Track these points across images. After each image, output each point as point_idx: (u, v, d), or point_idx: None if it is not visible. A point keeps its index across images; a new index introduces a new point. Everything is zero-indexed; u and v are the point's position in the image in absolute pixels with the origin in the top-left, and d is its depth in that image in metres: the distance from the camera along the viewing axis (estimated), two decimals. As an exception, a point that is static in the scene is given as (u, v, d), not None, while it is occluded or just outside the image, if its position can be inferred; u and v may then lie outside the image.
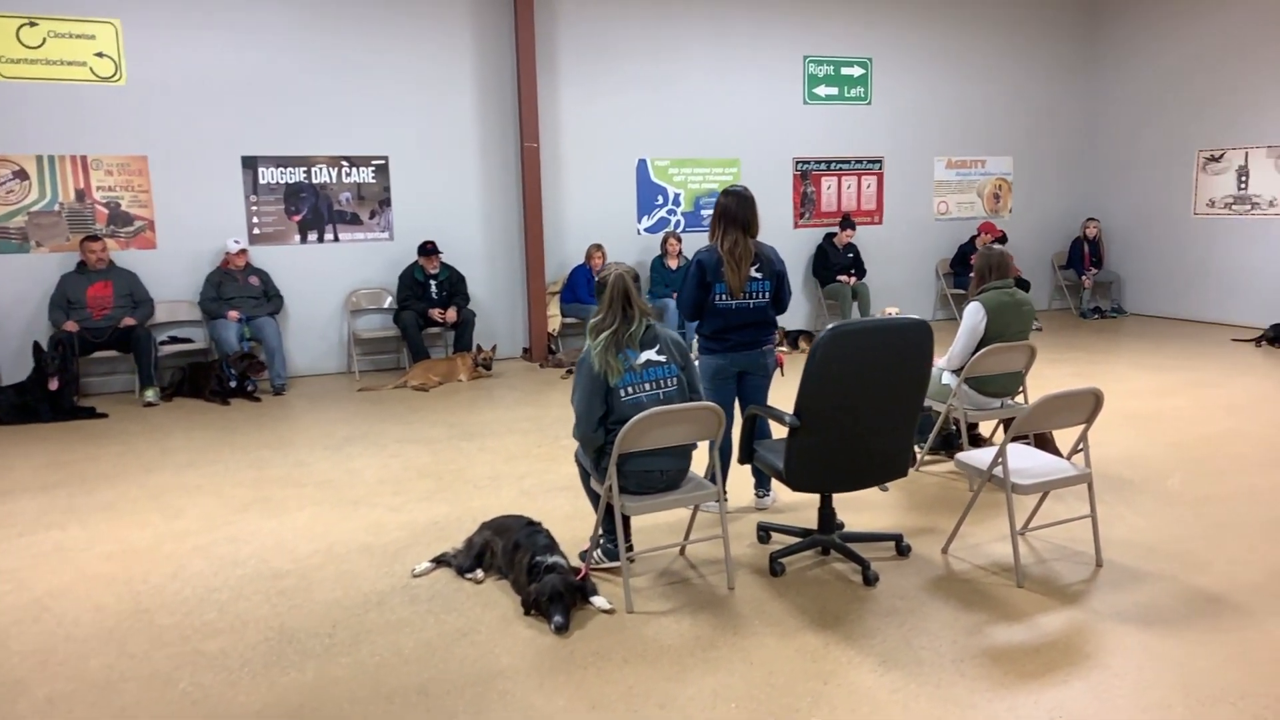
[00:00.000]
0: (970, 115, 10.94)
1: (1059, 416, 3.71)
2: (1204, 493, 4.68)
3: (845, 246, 10.03)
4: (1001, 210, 11.37)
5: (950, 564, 3.91)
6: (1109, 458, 5.31)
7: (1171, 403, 6.62)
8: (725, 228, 4.32)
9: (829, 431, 3.60)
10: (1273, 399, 6.66)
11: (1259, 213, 9.91)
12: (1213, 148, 10.26)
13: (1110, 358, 8.44)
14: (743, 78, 9.72)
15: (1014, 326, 4.79)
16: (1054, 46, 11.27)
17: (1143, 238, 11.16)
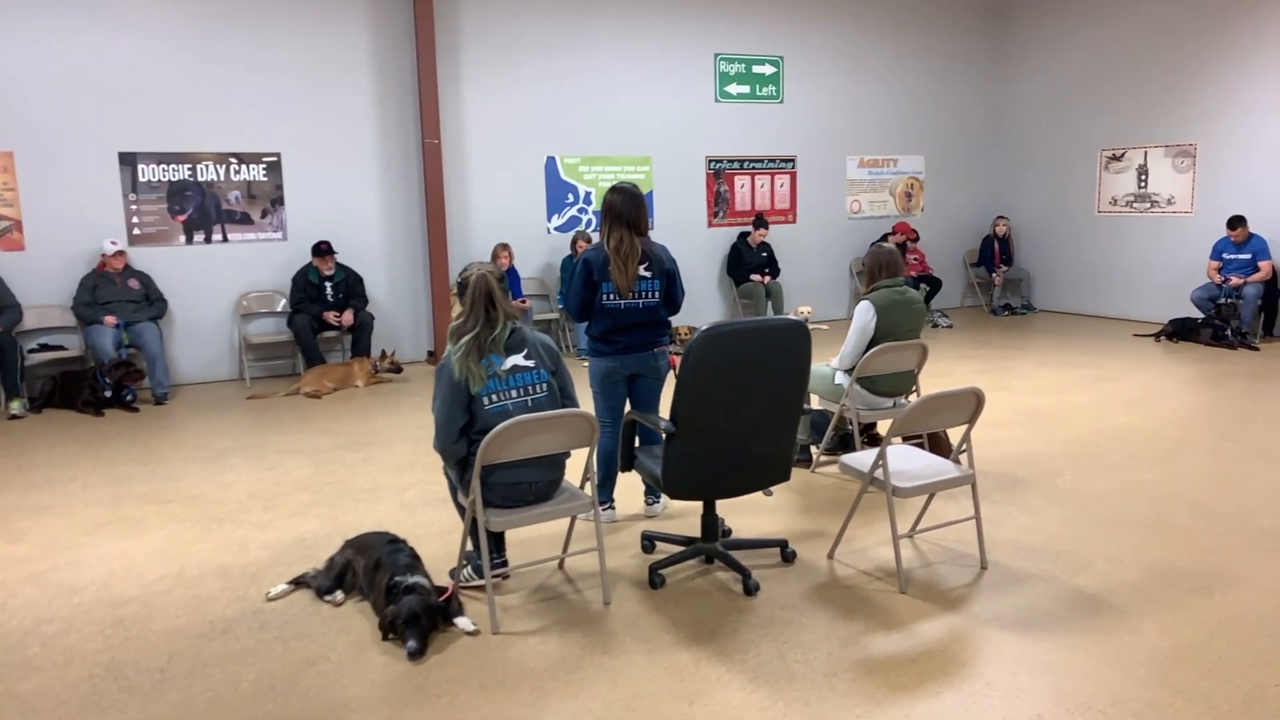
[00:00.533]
0: (882, 114, 11.00)
1: (940, 417, 3.62)
2: (1094, 489, 4.68)
3: (759, 245, 9.97)
4: (913, 209, 11.47)
5: (835, 570, 3.79)
6: (1006, 456, 5.29)
7: (1072, 398, 6.68)
8: (611, 226, 4.15)
9: (706, 437, 3.45)
10: (1168, 393, 6.76)
11: (1158, 211, 10.16)
12: (1114, 147, 10.49)
13: (1016, 354, 8.52)
14: (653, 75, 9.58)
15: (904, 325, 4.71)
16: (963, 46, 11.40)
17: (1050, 235, 11.37)
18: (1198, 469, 4.95)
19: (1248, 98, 9.18)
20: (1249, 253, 8.87)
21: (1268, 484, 4.68)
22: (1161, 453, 5.27)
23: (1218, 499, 4.47)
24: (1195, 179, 9.75)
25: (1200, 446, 5.37)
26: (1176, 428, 5.79)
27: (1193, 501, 4.44)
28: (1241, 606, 3.35)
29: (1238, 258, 8.94)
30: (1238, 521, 4.17)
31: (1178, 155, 9.88)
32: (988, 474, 4.94)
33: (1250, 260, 8.86)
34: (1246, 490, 4.59)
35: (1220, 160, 9.51)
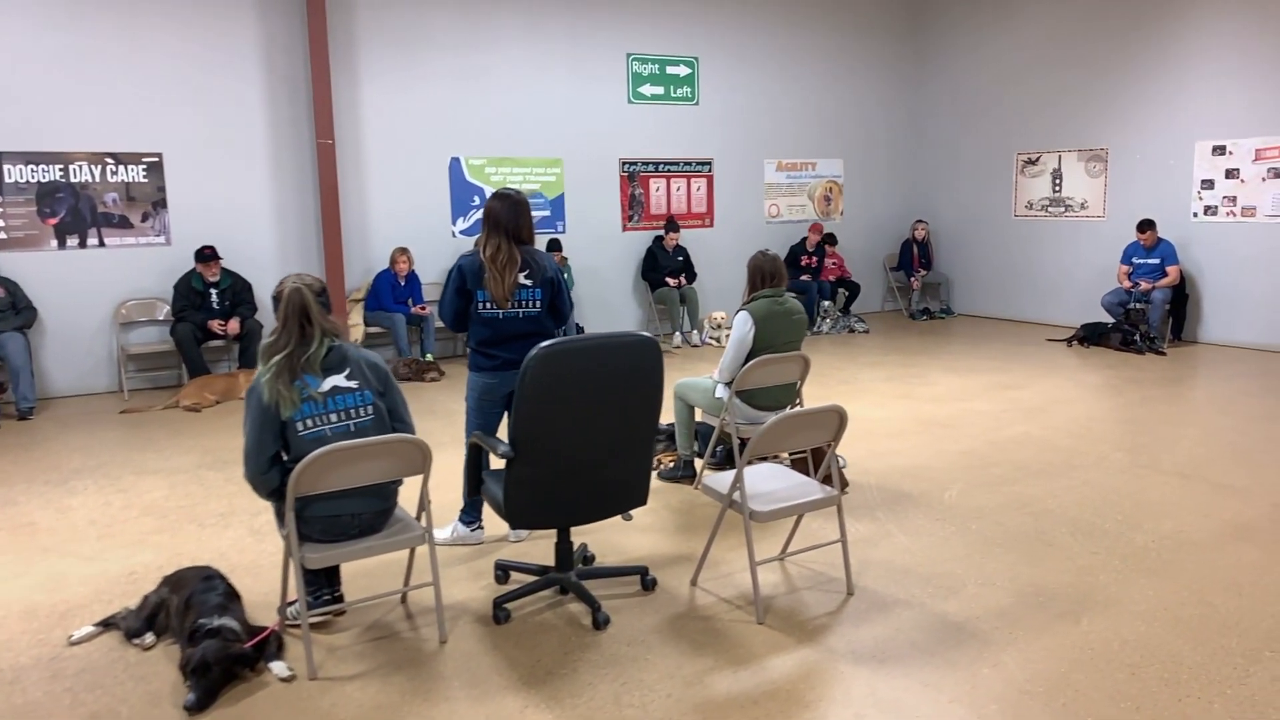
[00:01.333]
0: (800, 117, 10.89)
1: (800, 436, 3.43)
2: (978, 504, 4.54)
3: (674, 249, 9.77)
4: (833, 213, 11.39)
5: (695, 598, 3.58)
6: (896, 469, 5.14)
7: (974, 407, 6.58)
8: (490, 233, 3.91)
9: (549, 462, 3.21)
10: (1069, 400, 6.71)
11: (1071, 215, 10.21)
12: (1029, 151, 10.52)
13: (927, 360, 8.44)
14: (563, 75, 9.33)
15: (783, 336, 4.52)
16: (882, 49, 11.36)
17: (969, 239, 11.38)
18: (1085, 482, 4.85)
19: (1156, 102, 9.25)
20: (1157, 257, 8.93)
21: (1151, 498, 4.59)
22: (1052, 465, 5.17)
23: (1100, 514, 4.36)
24: (1107, 183, 9.81)
25: (1091, 457, 5.28)
26: (1071, 437, 5.71)
27: (1074, 518, 4.33)
28: (1106, 633, 3.21)
29: (1147, 262, 9.00)
30: (1116, 539, 4.06)
31: (1090, 159, 9.93)
32: (874, 489, 4.78)
33: (1159, 265, 8.92)
34: (1129, 504, 4.49)
35: (1130, 164, 9.58)
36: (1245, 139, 8.59)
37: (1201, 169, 8.96)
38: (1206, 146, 8.89)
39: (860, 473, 5.07)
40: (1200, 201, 9.01)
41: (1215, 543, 3.99)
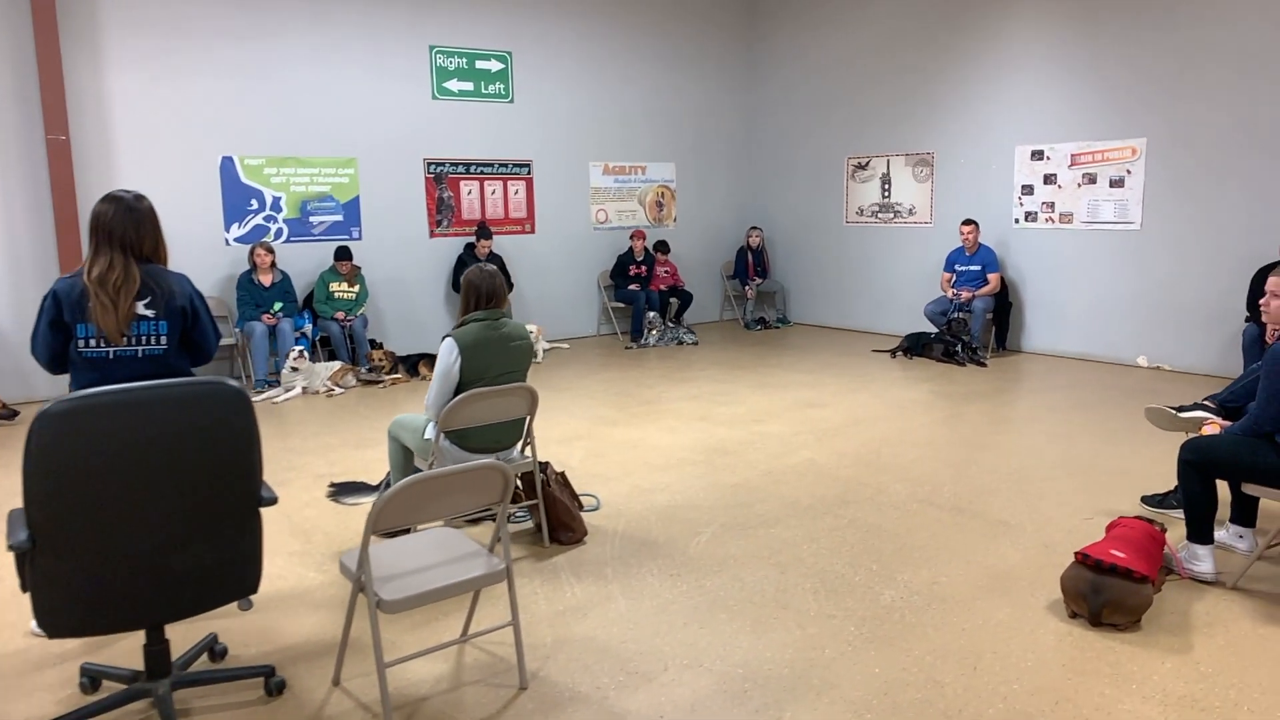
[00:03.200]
0: (628, 118, 10.33)
1: (449, 501, 2.75)
2: (725, 554, 3.99)
3: (487, 257, 9.05)
4: (665, 219, 10.88)
5: (332, 704, 2.87)
6: (655, 509, 4.56)
7: (767, 429, 6.10)
8: (98, 248, 3.05)
9: (83, 552, 2.44)
10: (872, 420, 6.30)
11: (900, 221, 9.97)
12: (859, 155, 10.25)
13: (741, 375, 7.97)
14: (357, 67, 8.48)
15: (497, 366, 3.85)
16: (714, 51, 10.92)
17: (803, 246, 11.05)
18: (851, 522, 4.37)
19: (978, 106, 9.07)
20: (979, 264, 8.72)
21: (916, 540, 4.13)
22: (823, 500, 4.68)
23: (854, 564, 3.86)
24: (934, 189, 9.60)
25: (869, 490, 4.83)
26: (856, 465, 5.26)
27: (824, 570, 3.81)
28: (805, 733, 2.67)
29: (969, 269, 8.78)
30: (862, 596, 3.55)
31: (917, 164, 9.71)
32: (617, 537, 4.18)
33: (980, 272, 8.71)
34: (890, 550, 4.01)
35: (956, 170, 9.38)
36: (1061, 143, 8.46)
37: (1021, 174, 8.82)
38: (1026, 151, 8.74)
39: (611, 516, 4.46)
40: (1021, 207, 8.86)
41: (969, 597, 3.53)
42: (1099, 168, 8.22)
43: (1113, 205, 8.17)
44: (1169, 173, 7.77)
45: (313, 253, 8.37)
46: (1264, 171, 7.21)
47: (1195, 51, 7.48)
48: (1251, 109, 7.22)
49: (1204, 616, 3.34)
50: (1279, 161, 7.12)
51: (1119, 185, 8.10)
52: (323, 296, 8.06)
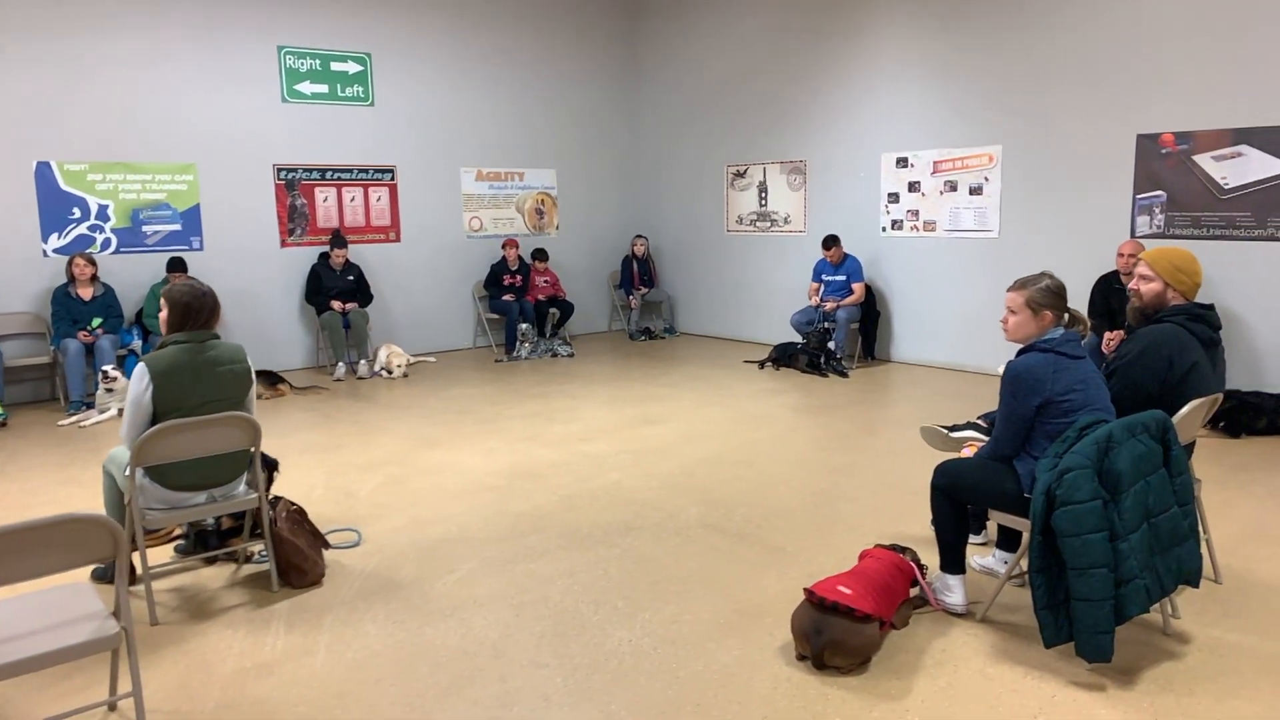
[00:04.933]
0: (503, 123, 10.04)
1: (23, 563, 2.42)
2: (472, 594, 3.69)
3: (343, 268, 8.68)
4: (547, 227, 10.60)
5: (-80, 790, 2.53)
6: (424, 542, 4.25)
7: (590, 449, 5.83)
8: None
9: None
10: (704, 437, 6.07)
11: (777, 230, 9.81)
12: (738, 163, 10.07)
13: (597, 389, 7.70)
14: (196, 67, 8.07)
15: (200, 394, 3.49)
16: (594, 56, 10.68)
17: (687, 255, 10.85)
18: (624, 553, 4.11)
19: (847, 114, 8.93)
20: (844, 274, 8.57)
21: (679, 572, 3.88)
22: (608, 528, 4.41)
23: (602, 601, 3.60)
24: (807, 197, 9.44)
25: (661, 515, 4.57)
26: (662, 488, 5.02)
27: (567, 609, 3.54)
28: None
29: (835, 279, 8.63)
30: (589, 640, 3.28)
31: (791, 172, 9.55)
32: (363, 576, 3.86)
33: (845, 282, 8.56)
34: (647, 584, 3.76)
35: (827, 177, 9.23)
36: (924, 151, 8.34)
37: (888, 182, 8.69)
38: (891, 159, 8.62)
39: (366, 553, 4.14)
40: (887, 215, 8.74)
41: (702, 638, 3.28)
42: (959, 175, 8.12)
43: (973, 213, 8.07)
44: (1023, 180, 7.68)
45: (147, 264, 7.93)
46: (1110, 179, 7.14)
47: (1047, 60, 7.41)
48: (1099, 117, 7.15)
49: (938, 655, 3.13)
50: (1124, 170, 7.06)
51: (978, 193, 8.00)
52: (153, 311, 7.63)
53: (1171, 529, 3.00)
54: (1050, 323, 3.22)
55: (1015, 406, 3.18)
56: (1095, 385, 3.18)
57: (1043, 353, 3.18)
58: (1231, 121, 6.51)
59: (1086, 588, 2.86)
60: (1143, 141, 6.95)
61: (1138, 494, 2.93)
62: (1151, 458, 2.99)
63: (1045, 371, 3.13)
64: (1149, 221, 6.99)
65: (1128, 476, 2.91)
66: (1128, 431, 2.97)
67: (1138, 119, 6.96)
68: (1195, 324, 3.37)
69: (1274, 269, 6.42)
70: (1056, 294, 3.22)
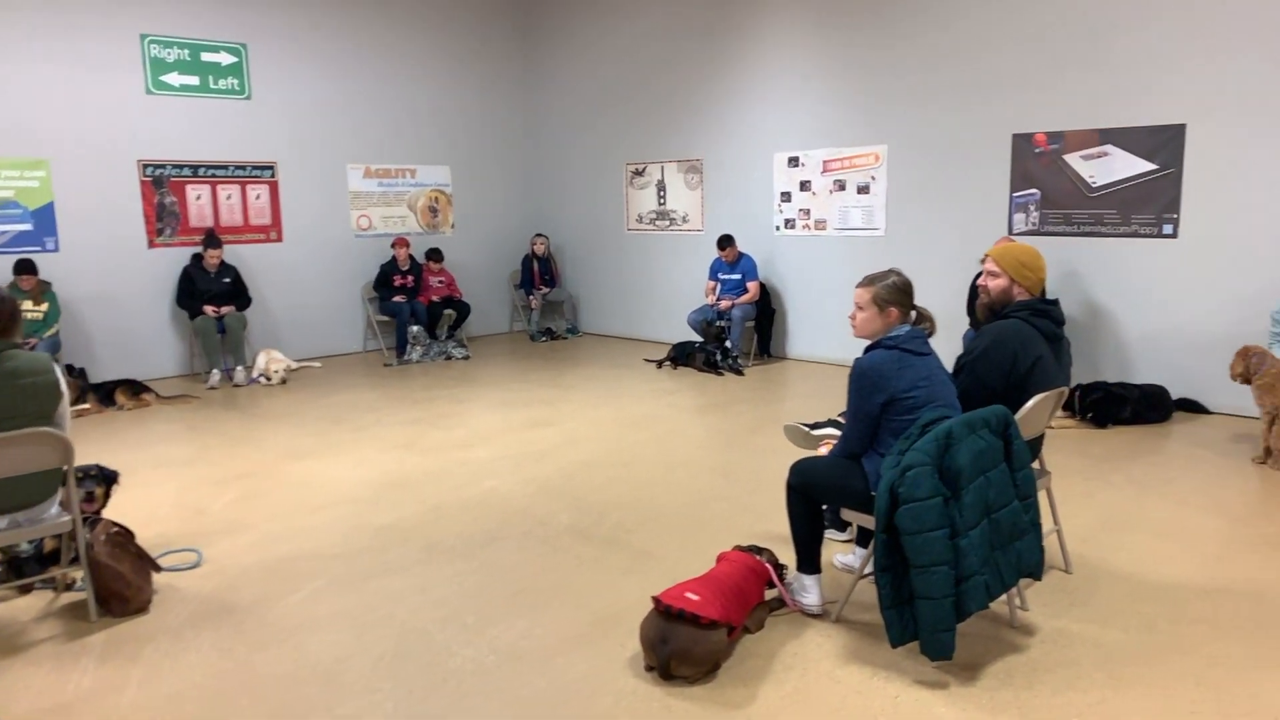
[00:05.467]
0: (392, 119, 9.73)
1: None
2: (313, 615, 3.48)
3: (218, 269, 8.26)
4: (442, 225, 10.33)
5: None
6: (264, 562, 4.01)
7: (471, 455, 5.64)
8: None
9: None
10: (588, 439, 5.94)
11: (676, 229, 9.76)
12: (637, 161, 9.98)
13: (485, 391, 7.50)
14: (48, 55, 7.56)
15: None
16: (488, 50, 10.45)
17: (590, 254, 10.72)
18: (483, 565, 3.95)
19: (741, 113, 8.93)
20: (739, 273, 8.56)
21: (539, 584, 3.74)
22: (472, 539, 4.25)
23: (452, 618, 3.43)
24: (704, 195, 9.41)
25: (528, 523, 4.43)
26: (536, 495, 4.87)
27: (414, 628, 3.36)
28: None
29: (730, 278, 8.61)
30: (430, 661, 3.12)
31: (688, 171, 9.51)
32: (195, 601, 3.61)
33: (740, 281, 8.56)
34: (503, 598, 3.61)
35: (722, 177, 9.22)
36: (814, 150, 8.39)
37: (780, 181, 8.72)
38: (783, 158, 8.65)
39: (205, 575, 3.88)
40: (780, 214, 8.77)
41: (552, 652, 3.15)
42: (848, 174, 8.19)
43: (861, 212, 8.15)
44: (908, 179, 7.79)
45: (-6, 266, 7.42)
46: (988, 178, 7.29)
47: (927, 62, 7.51)
48: (977, 117, 7.29)
49: (789, 659, 3.07)
50: (1001, 169, 7.20)
51: (865, 192, 8.09)
52: None
53: (1012, 524, 3.00)
54: (895, 319, 3.19)
55: (861, 404, 3.15)
56: (940, 382, 3.17)
57: (888, 350, 3.15)
58: (1098, 122, 6.70)
59: (928, 585, 2.83)
60: (1018, 141, 7.11)
61: (978, 490, 2.92)
62: (992, 453, 2.99)
63: (890, 369, 3.10)
64: (1025, 219, 7.16)
65: (967, 473, 2.89)
66: (968, 428, 2.96)
67: (1013, 119, 7.11)
68: (1039, 319, 3.40)
69: (1139, 264, 6.63)
70: (902, 291, 3.20)
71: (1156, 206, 6.52)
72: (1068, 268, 6.95)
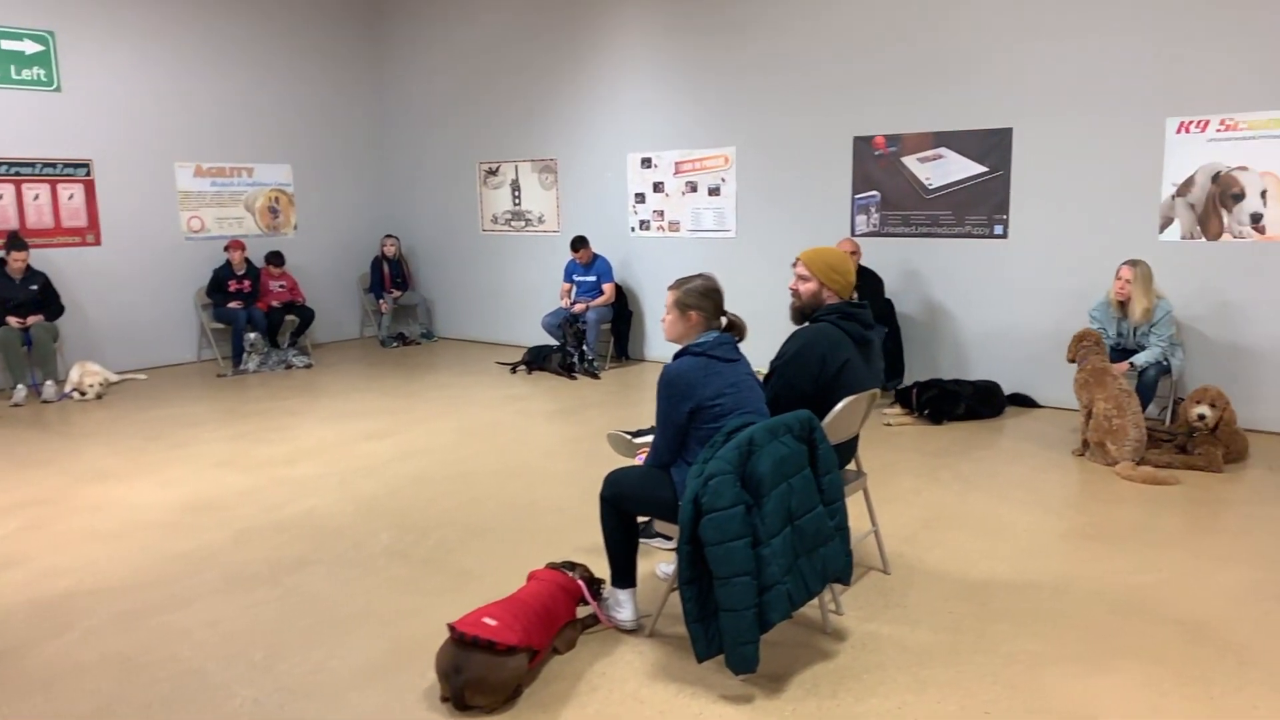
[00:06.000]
0: (225, 114, 9.15)
1: None
2: (72, 663, 3.13)
3: (24, 275, 7.54)
4: (284, 227, 9.80)
5: None
6: (30, 601, 3.59)
7: (293, 472, 5.29)
8: None
9: None
10: (425, 451, 5.68)
11: (531, 230, 9.56)
12: (490, 160, 9.73)
13: (326, 404, 7.11)
14: None
15: None
16: (335, 46, 9.97)
17: (444, 256, 10.39)
18: (289, 591, 3.66)
19: (594, 112, 8.81)
20: (594, 275, 8.45)
21: (340, 616, 3.49)
22: (277, 565, 3.94)
23: (228, 662, 3.14)
24: (559, 196, 9.25)
25: (346, 544, 4.15)
26: (360, 514, 4.59)
27: (186, 670, 3.05)
28: None
29: (585, 280, 8.48)
30: (195, 713, 2.84)
31: (542, 171, 9.33)
32: (-57, 649, 3.20)
33: (595, 283, 8.44)
34: (295, 633, 3.33)
35: (577, 177, 9.08)
36: (666, 151, 8.36)
37: (634, 182, 8.65)
38: (637, 159, 8.58)
39: (-37, 617, 3.47)
40: (635, 216, 8.70)
41: (345, 686, 2.91)
42: (699, 176, 8.19)
43: (712, 213, 8.16)
44: (756, 181, 7.84)
45: None
46: (832, 180, 7.40)
47: (772, 64, 7.58)
48: (820, 120, 7.40)
49: (596, 679, 2.94)
50: (844, 171, 7.33)
51: (716, 193, 8.11)
52: None
53: (816, 530, 2.96)
54: (697, 324, 3.11)
55: (669, 412, 3.05)
56: (748, 388, 3.10)
57: (695, 356, 3.06)
58: (932, 125, 6.90)
59: (730, 597, 2.75)
60: (858, 143, 7.26)
61: (780, 497, 2.86)
62: (795, 459, 2.94)
63: (696, 376, 3.02)
64: (866, 220, 7.31)
65: (769, 479, 2.83)
66: (770, 434, 2.90)
67: (854, 122, 7.25)
68: (847, 322, 3.39)
69: (973, 264, 6.87)
70: (704, 295, 3.12)
71: (988, 208, 6.76)
72: (908, 268, 7.14)
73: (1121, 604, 3.41)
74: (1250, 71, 5.69)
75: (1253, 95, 5.70)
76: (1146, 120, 6.06)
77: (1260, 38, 5.64)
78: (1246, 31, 5.67)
